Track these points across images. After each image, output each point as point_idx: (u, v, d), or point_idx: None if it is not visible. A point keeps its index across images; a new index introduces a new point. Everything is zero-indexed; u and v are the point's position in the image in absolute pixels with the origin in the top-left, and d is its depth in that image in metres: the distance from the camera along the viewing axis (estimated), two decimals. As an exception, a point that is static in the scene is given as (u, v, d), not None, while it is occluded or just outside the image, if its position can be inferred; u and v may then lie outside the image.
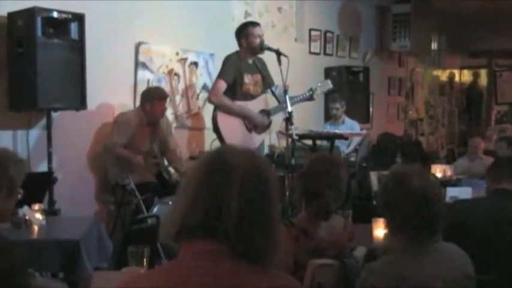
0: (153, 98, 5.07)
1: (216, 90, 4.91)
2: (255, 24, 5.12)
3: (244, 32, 4.98)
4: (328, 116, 7.08)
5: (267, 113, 5.01)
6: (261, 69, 5.05)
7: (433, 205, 2.10)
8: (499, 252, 2.68)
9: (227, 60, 4.95)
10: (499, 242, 2.71)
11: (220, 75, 4.91)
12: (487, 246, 2.64)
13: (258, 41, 4.91)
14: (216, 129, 4.86)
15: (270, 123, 5.04)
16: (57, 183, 4.56)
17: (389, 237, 2.25)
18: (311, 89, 5.08)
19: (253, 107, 4.97)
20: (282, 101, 4.70)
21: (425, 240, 2.12)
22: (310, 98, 5.10)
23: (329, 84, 5.25)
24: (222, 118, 4.84)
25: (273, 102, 5.08)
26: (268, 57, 4.95)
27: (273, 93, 5.11)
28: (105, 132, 5.19)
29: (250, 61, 5.00)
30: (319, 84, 5.19)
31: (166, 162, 5.37)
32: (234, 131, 4.83)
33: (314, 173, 2.68)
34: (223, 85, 4.85)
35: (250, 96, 4.97)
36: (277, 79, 4.82)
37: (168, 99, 5.32)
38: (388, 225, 2.24)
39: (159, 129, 5.22)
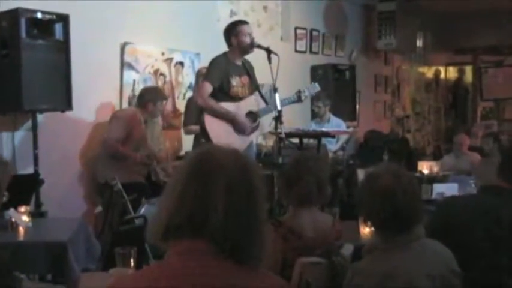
0: (157, 98, 5.10)
1: (202, 93, 4.82)
2: (244, 22, 5.03)
3: (233, 30, 4.88)
4: (314, 115, 7.09)
5: (254, 115, 4.93)
6: (249, 71, 4.99)
7: (397, 201, 2.11)
8: (487, 250, 2.64)
9: (213, 63, 4.84)
10: (488, 240, 2.65)
11: (206, 78, 4.82)
12: (476, 246, 2.61)
13: (248, 39, 4.84)
14: (204, 132, 4.78)
15: (257, 125, 4.96)
16: (43, 185, 4.54)
17: (373, 235, 2.28)
18: (299, 91, 4.98)
19: (243, 108, 4.89)
20: (270, 102, 4.67)
21: (395, 237, 2.13)
22: (298, 100, 5.01)
23: (316, 88, 5.14)
24: (209, 121, 4.75)
25: (262, 104, 5.02)
26: (256, 56, 4.92)
27: (261, 96, 5.04)
28: (92, 133, 5.17)
29: (239, 62, 4.89)
30: (306, 87, 5.11)
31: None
32: (222, 133, 4.75)
33: (293, 162, 2.86)
34: (208, 87, 4.75)
35: (238, 99, 4.87)
36: (266, 78, 4.79)
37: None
38: (365, 223, 2.28)
39: (152, 128, 5.23)
